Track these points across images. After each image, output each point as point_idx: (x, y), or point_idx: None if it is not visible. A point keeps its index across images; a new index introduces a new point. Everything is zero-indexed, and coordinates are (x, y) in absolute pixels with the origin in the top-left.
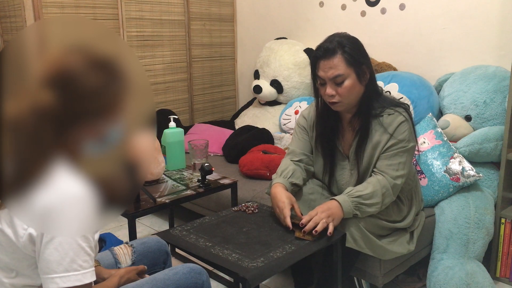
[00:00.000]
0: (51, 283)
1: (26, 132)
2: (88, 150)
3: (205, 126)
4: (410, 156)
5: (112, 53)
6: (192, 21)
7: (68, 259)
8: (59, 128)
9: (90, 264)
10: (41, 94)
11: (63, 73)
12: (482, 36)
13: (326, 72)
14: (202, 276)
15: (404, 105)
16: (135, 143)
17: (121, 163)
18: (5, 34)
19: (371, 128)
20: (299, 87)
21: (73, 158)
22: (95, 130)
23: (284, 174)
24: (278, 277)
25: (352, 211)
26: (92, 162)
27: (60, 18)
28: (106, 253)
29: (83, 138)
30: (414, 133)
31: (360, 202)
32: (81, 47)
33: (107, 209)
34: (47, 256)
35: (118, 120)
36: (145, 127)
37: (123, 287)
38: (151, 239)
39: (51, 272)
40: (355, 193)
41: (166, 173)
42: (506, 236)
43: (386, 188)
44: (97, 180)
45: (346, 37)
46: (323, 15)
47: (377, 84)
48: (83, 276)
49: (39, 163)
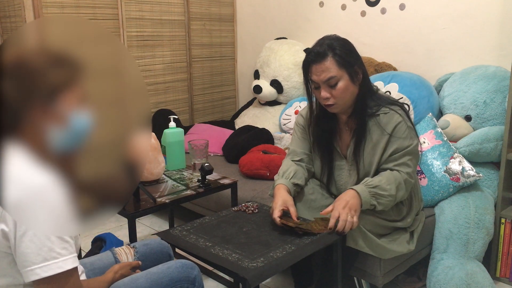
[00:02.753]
0: (32, 275)
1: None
2: (52, 137)
3: (205, 126)
4: (415, 155)
5: (59, 41)
6: (192, 21)
7: (46, 249)
8: (12, 110)
9: (69, 250)
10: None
11: (14, 62)
12: (482, 36)
13: (319, 76)
14: (194, 270)
15: (399, 103)
16: (129, 142)
17: (116, 162)
18: (5, 34)
19: (368, 128)
20: (299, 87)
21: (34, 145)
22: (51, 112)
23: (286, 175)
24: (278, 277)
25: (369, 201)
26: (61, 154)
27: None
28: (107, 253)
29: (40, 121)
30: (414, 130)
31: (377, 193)
32: (40, 42)
33: (101, 208)
34: (24, 249)
35: (76, 104)
36: (139, 127)
37: (118, 282)
38: (153, 241)
39: (30, 264)
40: (371, 183)
41: (166, 173)
42: (506, 236)
43: (399, 182)
44: (91, 178)
45: (335, 39)
46: (323, 15)
47: (371, 83)
48: (63, 263)
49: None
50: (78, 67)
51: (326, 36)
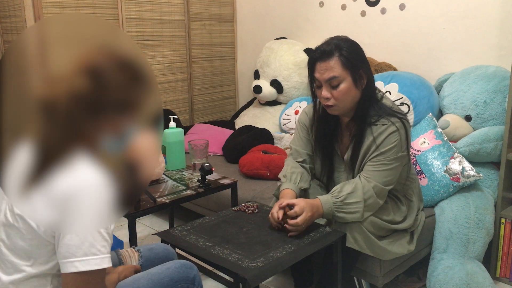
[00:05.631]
0: (71, 267)
1: (61, 115)
2: (105, 143)
3: (205, 126)
4: (398, 163)
5: (131, 54)
6: (192, 21)
7: (87, 244)
8: (89, 114)
9: (107, 249)
10: (78, 80)
11: (95, 66)
12: (482, 36)
13: (322, 74)
14: (193, 270)
15: (400, 115)
16: (142, 143)
17: (129, 163)
18: (5, 34)
19: (365, 135)
20: (299, 87)
21: (92, 148)
22: (116, 125)
23: (293, 179)
24: (278, 277)
25: (332, 213)
26: (106, 157)
27: (73, 16)
28: (111, 254)
29: (105, 130)
30: (406, 143)
31: (342, 207)
32: (106, 47)
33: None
34: (67, 241)
35: (136, 119)
36: (153, 127)
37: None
38: (158, 246)
39: (71, 256)
40: (339, 196)
41: (166, 173)
42: (506, 236)
43: (369, 195)
44: (111, 177)
45: (344, 40)
46: (323, 15)
47: (375, 91)
48: (101, 261)
49: (66, 148)
50: (149, 85)
51: (336, 36)
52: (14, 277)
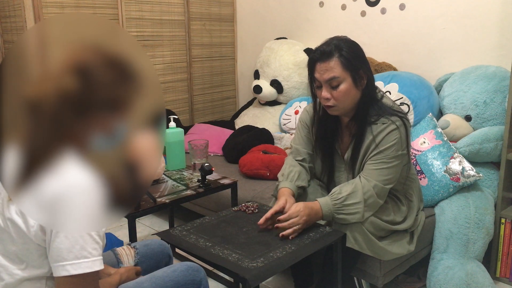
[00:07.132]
0: (62, 271)
1: (47, 114)
2: (95, 143)
3: (205, 126)
4: (399, 161)
5: (124, 53)
6: (192, 21)
7: (78, 247)
8: (77, 113)
9: (99, 252)
10: (65, 79)
11: (83, 64)
12: (482, 36)
13: (321, 75)
14: (199, 273)
15: (400, 114)
16: (142, 143)
17: (127, 163)
18: (5, 34)
19: (365, 135)
20: (299, 87)
21: (81, 149)
22: (105, 123)
23: (290, 177)
24: (278, 277)
25: (331, 216)
26: (98, 157)
27: (73, 16)
28: (108, 253)
29: (93, 129)
30: (406, 142)
31: (342, 208)
32: (97, 45)
33: (112, 209)
34: (58, 244)
35: (126, 118)
36: (153, 127)
37: (123, 285)
38: (154, 241)
39: (62, 259)
40: (339, 198)
41: (166, 173)
42: (506, 236)
43: (369, 195)
44: (104, 178)
45: (344, 41)
46: (323, 15)
47: (376, 91)
48: (93, 263)
49: (53, 148)
50: (140, 84)
51: (336, 36)
52: (7, 281)
